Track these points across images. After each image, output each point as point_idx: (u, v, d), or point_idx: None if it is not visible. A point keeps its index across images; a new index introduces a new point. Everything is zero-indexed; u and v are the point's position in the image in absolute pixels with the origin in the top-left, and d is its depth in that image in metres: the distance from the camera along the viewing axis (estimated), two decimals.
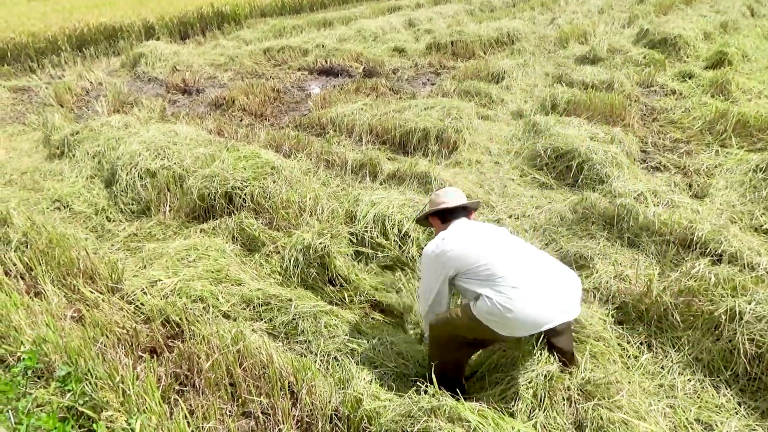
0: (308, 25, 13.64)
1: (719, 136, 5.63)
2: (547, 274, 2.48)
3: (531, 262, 2.51)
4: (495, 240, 2.61)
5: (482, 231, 2.69)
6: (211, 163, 4.90)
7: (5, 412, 2.32)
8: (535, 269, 2.47)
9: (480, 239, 2.60)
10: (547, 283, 2.43)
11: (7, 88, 9.46)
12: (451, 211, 2.80)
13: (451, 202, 2.80)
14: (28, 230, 4.04)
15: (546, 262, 2.56)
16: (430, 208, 2.87)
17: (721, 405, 2.65)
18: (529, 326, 2.37)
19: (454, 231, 2.68)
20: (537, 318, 2.35)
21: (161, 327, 3.18)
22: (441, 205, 2.80)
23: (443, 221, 2.80)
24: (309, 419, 2.57)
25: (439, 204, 2.82)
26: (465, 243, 2.57)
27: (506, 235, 2.71)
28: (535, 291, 2.37)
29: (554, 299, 2.40)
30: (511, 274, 2.40)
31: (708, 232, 3.71)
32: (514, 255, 2.52)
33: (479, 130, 6.07)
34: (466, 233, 2.64)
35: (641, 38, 9.46)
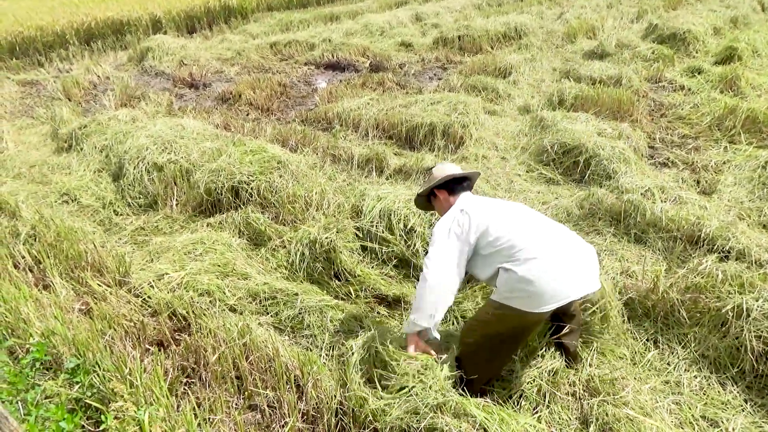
0: (315, 19, 13.62)
1: (728, 132, 5.59)
2: (566, 246, 2.40)
3: (549, 233, 2.43)
4: (512, 211, 2.54)
5: (497, 202, 2.65)
6: (218, 157, 4.92)
7: (15, 403, 2.34)
8: (554, 240, 2.39)
9: (498, 210, 2.53)
10: (566, 254, 2.35)
11: (16, 82, 9.51)
12: (459, 181, 2.74)
13: (456, 171, 2.75)
14: (36, 223, 4.07)
15: (564, 233, 2.48)
16: (433, 182, 2.75)
17: (728, 402, 2.65)
18: (550, 298, 2.26)
19: (469, 203, 2.60)
20: (558, 289, 2.27)
21: (168, 320, 3.20)
22: (445, 175, 2.73)
23: (450, 193, 2.73)
24: (315, 413, 2.58)
25: (443, 175, 2.73)
26: (485, 214, 2.49)
27: (522, 206, 2.65)
28: (555, 262, 2.29)
29: (574, 270, 2.34)
30: (530, 245, 2.33)
31: (716, 228, 3.69)
32: (532, 226, 2.44)
33: (486, 126, 6.05)
34: (482, 204, 2.58)
35: (650, 33, 9.38)
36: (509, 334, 2.45)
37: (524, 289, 2.27)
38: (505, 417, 2.22)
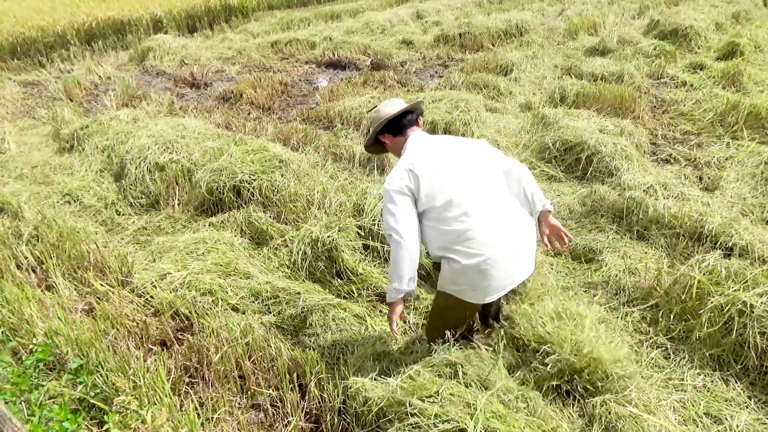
0: (316, 17, 13.61)
1: (730, 128, 5.57)
2: (513, 234, 2.32)
3: (498, 216, 2.32)
4: (466, 174, 2.36)
5: (449, 158, 2.40)
6: (220, 156, 4.92)
7: (18, 403, 2.35)
8: (502, 229, 2.30)
9: (450, 173, 2.34)
10: (512, 246, 2.30)
11: (17, 83, 9.52)
12: (400, 120, 2.54)
13: (394, 109, 2.54)
14: (39, 224, 4.07)
15: (515, 215, 2.39)
16: (376, 124, 2.56)
17: (731, 399, 2.64)
18: (494, 290, 2.31)
19: (418, 156, 2.39)
20: (502, 283, 2.31)
21: (171, 320, 3.21)
22: (385, 117, 2.54)
23: (396, 134, 2.56)
24: (317, 412, 2.59)
25: (382, 117, 2.54)
26: (436, 176, 2.32)
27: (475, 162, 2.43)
28: (501, 258, 2.25)
29: (518, 262, 2.34)
30: (479, 235, 2.25)
31: (718, 225, 3.68)
32: (482, 206, 2.31)
33: (487, 123, 6.04)
34: (434, 160, 2.37)
35: (651, 29, 9.35)
36: (456, 316, 2.52)
37: (470, 284, 2.30)
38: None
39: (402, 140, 2.55)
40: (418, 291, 2.91)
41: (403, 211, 2.31)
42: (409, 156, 2.42)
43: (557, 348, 2.48)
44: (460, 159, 2.41)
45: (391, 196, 2.33)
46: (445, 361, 2.49)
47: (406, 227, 2.30)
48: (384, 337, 3.07)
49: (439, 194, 2.31)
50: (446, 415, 2.21)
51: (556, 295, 3.22)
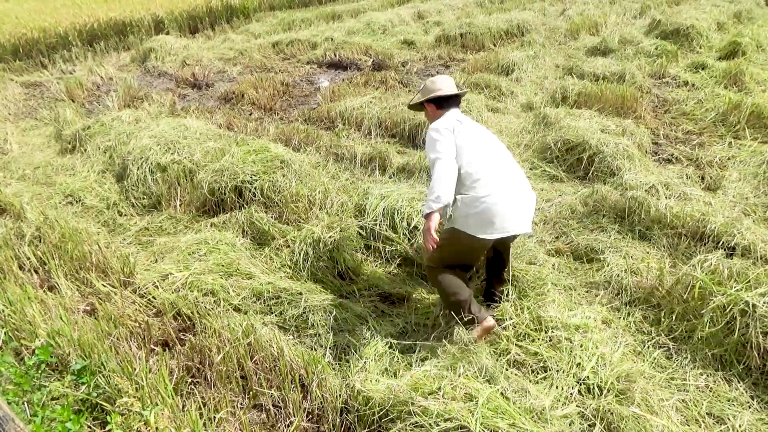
0: (317, 18, 13.62)
1: (732, 127, 5.56)
2: (517, 190, 2.78)
3: (508, 175, 2.79)
4: (485, 142, 2.89)
5: (477, 127, 2.96)
6: (221, 157, 4.92)
7: (21, 404, 2.35)
8: (509, 183, 2.77)
9: (476, 136, 2.87)
10: (515, 197, 2.75)
11: (20, 84, 9.54)
12: (447, 99, 3.01)
13: (447, 89, 3.00)
14: (41, 224, 4.08)
15: (519, 178, 2.86)
16: (428, 94, 3.02)
17: (734, 399, 2.63)
18: (495, 229, 2.69)
19: (459, 117, 2.93)
20: (503, 223, 2.69)
21: (173, 320, 3.21)
22: (438, 92, 2.99)
23: (439, 107, 3.03)
24: (319, 412, 2.59)
25: (436, 90, 3.00)
26: (469, 130, 2.86)
27: (493, 139, 2.98)
28: (506, 201, 2.69)
29: (518, 212, 2.75)
30: (489, 180, 2.71)
31: (721, 224, 3.67)
32: (496, 164, 2.81)
33: (489, 123, 6.03)
34: (467, 122, 2.92)
35: (653, 29, 9.34)
36: (463, 251, 2.88)
37: (476, 216, 2.68)
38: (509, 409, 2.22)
39: (441, 113, 3.03)
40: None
41: (447, 141, 2.78)
42: (451, 115, 2.95)
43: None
44: (488, 134, 2.98)
45: (439, 130, 2.82)
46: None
47: (449, 152, 2.75)
48: (386, 338, 3.07)
49: (470, 141, 2.81)
50: (449, 413, 2.21)
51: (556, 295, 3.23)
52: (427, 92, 3.03)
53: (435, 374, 2.56)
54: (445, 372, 2.59)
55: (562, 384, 2.56)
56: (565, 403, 2.47)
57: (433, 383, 2.42)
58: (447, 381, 2.42)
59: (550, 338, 2.82)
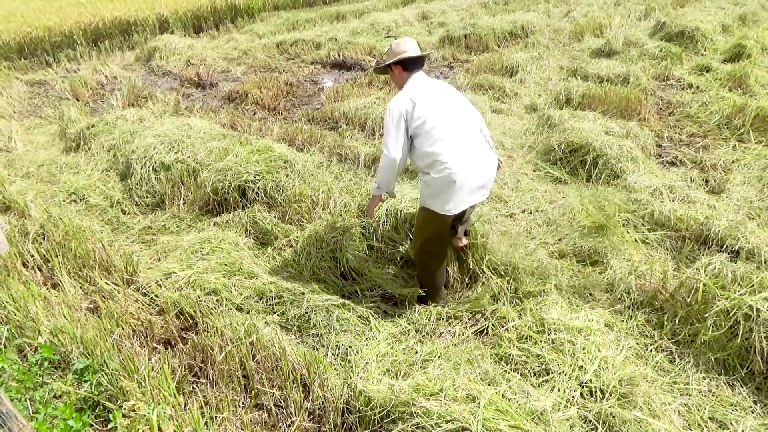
0: (321, 18, 13.62)
1: (737, 130, 5.55)
2: (478, 163, 2.94)
3: (468, 148, 2.93)
4: (447, 115, 2.95)
5: (440, 95, 3.02)
6: (225, 156, 4.93)
7: (23, 401, 2.36)
8: (470, 156, 2.91)
9: (437, 109, 2.94)
10: (476, 170, 2.91)
11: (25, 82, 9.57)
12: (413, 61, 3.07)
13: (412, 51, 3.06)
14: (45, 222, 4.09)
15: (479, 152, 2.99)
16: (392, 57, 3.08)
17: (737, 403, 2.63)
18: (455, 206, 2.91)
19: (417, 89, 2.99)
20: (464, 198, 2.91)
21: (175, 319, 3.22)
22: (404, 53, 3.05)
23: (404, 69, 3.09)
24: (321, 412, 2.59)
25: (402, 53, 3.06)
26: (427, 108, 2.91)
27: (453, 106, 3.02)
28: (467, 177, 2.86)
29: (478, 184, 2.94)
30: (450, 158, 2.84)
31: (725, 228, 3.67)
32: (457, 141, 2.91)
33: (493, 124, 6.03)
34: (428, 96, 2.96)
35: (658, 31, 9.32)
36: (435, 228, 3.09)
37: (439, 195, 2.89)
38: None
39: (407, 75, 3.09)
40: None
41: (399, 134, 2.92)
42: (412, 88, 3.01)
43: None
44: (449, 100, 3.03)
45: (393, 116, 2.92)
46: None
47: (398, 148, 2.92)
48: (388, 338, 3.07)
49: (428, 121, 2.89)
50: (450, 414, 2.21)
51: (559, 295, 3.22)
52: (394, 54, 3.08)
53: (437, 375, 2.56)
54: (447, 373, 2.59)
55: (564, 387, 2.56)
56: (566, 406, 2.47)
57: (435, 384, 2.42)
58: (449, 382, 2.42)
59: (552, 341, 2.82)
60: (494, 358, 2.87)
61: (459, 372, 2.62)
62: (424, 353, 2.93)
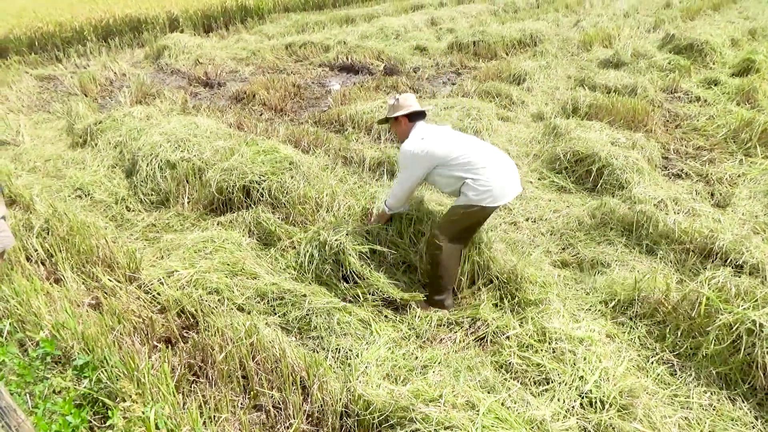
0: (331, 21, 13.67)
1: (744, 144, 5.53)
2: (502, 159, 3.25)
3: (490, 150, 3.26)
4: (460, 136, 3.34)
5: (447, 130, 3.38)
6: (230, 156, 4.94)
7: (23, 395, 2.36)
8: (495, 155, 3.24)
9: (450, 136, 3.29)
10: (504, 164, 3.22)
11: (34, 77, 9.63)
12: (418, 113, 3.43)
13: (417, 105, 3.42)
14: (49, 217, 4.10)
15: (498, 151, 3.31)
16: (401, 111, 3.40)
17: (738, 418, 2.61)
18: (501, 196, 3.14)
19: (426, 131, 3.33)
20: (506, 190, 3.16)
21: (176, 317, 3.22)
22: (411, 107, 3.39)
23: (410, 120, 3.41)
24: (319, 415, 2.58)
25: (409, 107, 3.39)
26: (443, 140, 3.23)
27: (462, 134, 3.41)
28: (501, 172, 3.16)
29: (512, 178, 3.23)
30: (481, 159, 3.14)
31: (729, 242, 3.65)
32: (477, 145, 3.25)
33: (499, 132, 6.04)
34: (437, 133, 3.30)
35: (667, 43, 9.31)
36: (474, 221, 3.29)
37: (487, 191, 3.10)
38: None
39: (411, 125, 3.42)
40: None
41: (411, 173, 3.28)
42: (418, 131, 3.34)
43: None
44: (451, 131, 3.39)
45: (406, 159, 3.27)
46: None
47: (415, 180, 3.31)
48: (389, 343, 3.07)
49: (449, 148, 3.19)
50: (449, 421, 2.20)
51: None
52: (401, 108, 3.41)
53: (436, 381, 2.56)
54: (446, 380, 2.59)
55: (564, 396, 2.55)
56: (566, 416, 2.46)
57: (435, 390, 2.42)
58: (448, 389, 2.42)
59: (553, 350, 2.81)
60: (494, 365, 2.86)
61: (459, 379, 2.61)
62: (425, 359, 2.92)
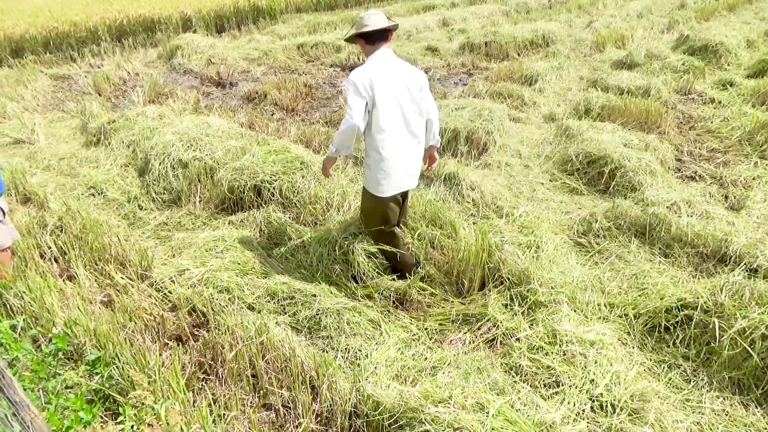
0: (342, 21, 13.69)
1: (759, 147, 5.46)
2: (412, 153, 3.28)
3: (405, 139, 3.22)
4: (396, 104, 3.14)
5: (398, 77, 3.14)
6: (242, 156, 4.96)
7: (36, 391, 2.39)
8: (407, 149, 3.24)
9: (393, 93, 3.11)
10: (409, 160, 3.26)
11: (49, 76, 9.73)
12: (375, 35, 3.15)
13: (374, 25, 3.13)
14: (63, 215, 4.15)
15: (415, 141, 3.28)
16: (357, 30, 3.18)
17: (751, 424, 2.58)
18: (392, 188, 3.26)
19: (378, 67, 3.10)
20: (399, 183, 3.27)
21: (187, 315, 3.24)
22: (365, 27, 3.13)
23: (368, 42, 3.19)
24: (329, 415, 2.58)
25: (364, 26, 3.14)
26: (384, 92, 3.07)
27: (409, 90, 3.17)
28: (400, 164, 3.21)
29: (410, 173, 3.30)
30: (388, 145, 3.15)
31: (744, 245, 3.61)
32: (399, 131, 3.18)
33: (510, 133, 6.01)
34: (387, 78, 3.09)
35: (681, 44, 9.23)
36: (378, 208, 3.39)
37: (377, 178, 3.22)
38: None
39: (372, 48, 3.19)
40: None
41: (360, 104, 3.04)
42: (374, 65, 3.12)
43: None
44: (403, 89, 3.15)
45: (356, 90, 3.03)
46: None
47: (360, 116, 3.05)
48: (398, 344, 3.06)
49: (380, 107, 3.08)
50: (459, 422, 2.20)
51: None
52: (357, 27, 3.19)
53: (446, 383, 2.55)
54: (456, 381, 2.58)
55: (574, 400, 2.53)
56: (576, 420, 2.44)
57: (444, 392, 2.41)
58: (458, 390, 2.41)
59: (564, 352, 2.79)
60: (504, 367, 2.85)
61: (468, 380, 2.60)
62: (434, 360, 2.91)
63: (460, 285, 3.51)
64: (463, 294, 3.49)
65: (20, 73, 9.73)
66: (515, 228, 4.01)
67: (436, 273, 3.60)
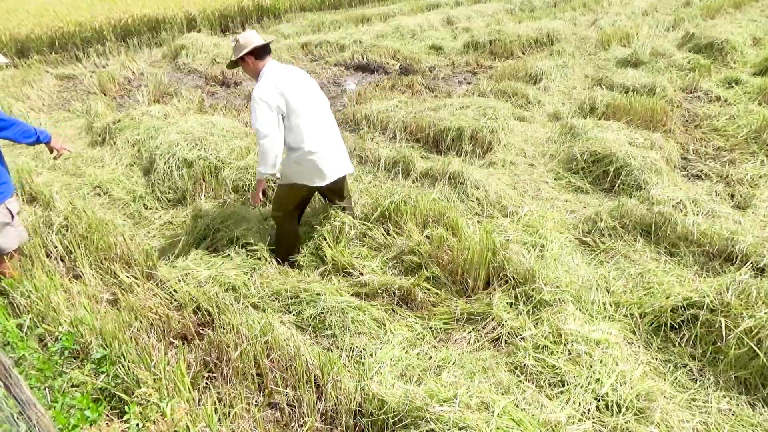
0: (346, 20, 13.69)
1: (765, 145, 5.43)
2: (336, 141, 3.53)
3: (324, 131, 3.42)
4: (309, 101, 3.37)
5: (298, 79, 3.38)
6: (246, 155, 4.97)
7: (42, 389, 2.40)
8: (326, 138, 3.43)
9: (299, 90, 3.31)
10: (334, 149, 3.47)
11: (55, 76, 9.76)
12: (264, 48, 3.33)
13: (259, 40, 3.31)
14: (69, 214, 4.17)
15: (335, 132, 3.56)
16: (244, 50, 3.28)
17: (758, 424, 2.56)
18: (319, 179, 3.43)
19: (278, 77, 3.26)
20: (325, 173, 3.42)
21: (193, 314, 3.25)
22: (254, 44, 3.27)
23: (257, 58, 3.33)
24: (333, 414, 2.59)
25: (252, 43, 3.28)
26: (292, 94, 3.23)
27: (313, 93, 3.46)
28: (329, 153, 3.41)
29: (336, 161, 3.49)
30: (310, 138, 3.32)
31: (750, 244, 3.59)
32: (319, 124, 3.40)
33: (515, 131, 5.99)
34: (288, 81, 3.27)
35: (686, 42, 9.18)
36: (300, 196, 3.62)
37: (303, 171, 3.39)
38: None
39: (262, 63, 3.35)
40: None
41: (270, 118, 3.18)
42: (272, 76, 3.27)
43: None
44: (308, 88, 3.43)
45: (265, 105, 3.16)
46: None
47: (273, 130, 3.20)
48: (403, 343, 3.06)
49: (295, 108, 3.26)
50: (464, 422, 2.19)
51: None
52: (244, 48, 3.28)
53: (451, 382, 2.55)
54: (461, 380, 2.57)
55: (579, 399, 2.53)
56: (582, 419, 2.44)
57: (449, 391, 2.41)
58: (463, 389, 2.41)
59: (569, 352, 2.78)
60: (509, 367, 2.84)
61: (473, 380, 2.60)
62: (439, 359, 2.91)
63: (465, 284, 3.50)
64: (467, 293, 3.48)
65: (26, 73, 9.76)
66: (520, 227, 4.00)
67: (440, 272, 3.60)
